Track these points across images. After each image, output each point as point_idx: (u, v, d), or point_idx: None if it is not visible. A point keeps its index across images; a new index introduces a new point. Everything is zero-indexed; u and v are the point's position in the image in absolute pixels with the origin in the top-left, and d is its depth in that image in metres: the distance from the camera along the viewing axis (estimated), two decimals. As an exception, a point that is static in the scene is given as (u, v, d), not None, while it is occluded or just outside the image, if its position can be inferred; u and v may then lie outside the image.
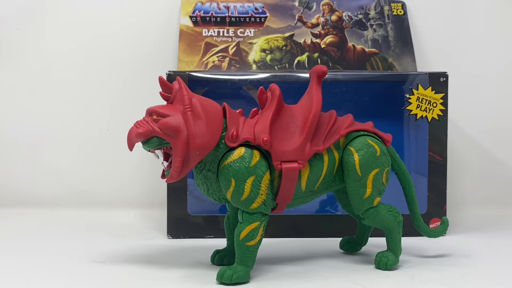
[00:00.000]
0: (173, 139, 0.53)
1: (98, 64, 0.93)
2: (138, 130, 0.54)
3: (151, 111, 0.55)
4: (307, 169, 0.56)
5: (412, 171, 0.75)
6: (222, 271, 0.54)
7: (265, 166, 0.55)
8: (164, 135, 0.53)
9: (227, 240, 0.61)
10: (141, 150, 0.57)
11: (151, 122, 0.54)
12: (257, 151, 0.55)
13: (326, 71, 0.57)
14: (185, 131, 0.53)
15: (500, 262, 0.62)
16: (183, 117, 0.54)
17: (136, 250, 0.67)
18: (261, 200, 0.55)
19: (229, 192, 0.54)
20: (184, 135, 0.53)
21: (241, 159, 0.54)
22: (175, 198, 0.73)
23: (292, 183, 0.55)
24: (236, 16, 0.88)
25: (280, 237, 0.73)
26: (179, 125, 0.53)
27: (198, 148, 0.53)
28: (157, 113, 0.54)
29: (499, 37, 0.95)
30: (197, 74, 0.74)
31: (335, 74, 0.76)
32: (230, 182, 0.54)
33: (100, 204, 0.90)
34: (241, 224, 0.55)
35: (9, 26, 0.93)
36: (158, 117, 0.54)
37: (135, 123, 0.55)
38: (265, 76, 0.75)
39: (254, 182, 0.54)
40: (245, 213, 0.55)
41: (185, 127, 0.53)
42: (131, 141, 0.54)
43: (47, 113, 0.92)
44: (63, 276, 0.56)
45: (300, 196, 0.58)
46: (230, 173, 0.54)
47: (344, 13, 0.90)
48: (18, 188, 0.91)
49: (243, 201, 0.54)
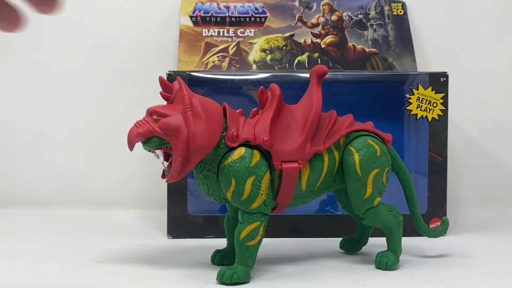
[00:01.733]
0: (173, 139, 0.53)
1: (99, 64, 0.93)
2: (138, 130, 0.54)
3: (151, 111, 0.55)
4: (307, 169, 0.56)
5: (412, 171, 0.75)
6: (222, 271, 0.54)
7: (265, 166, 0.55)
8: (164, 135, 0.53)
9: (227, 240, 0.61)
10: (141, 150, 0.57)
11: (151, 122, 0.54)
12: (257, 151, 0.55)
13: (326, 71, 0.57)
14: (185, 131, 0.53)
15: (500, 262, 0.62)
16: (183, 117, 0.54)
17: (136, 250, 0.66)
18: (261, 200, 0.54)
19: (229, 192, 0.54)
20: (184, 135, 0.53)
21: (242, 159, 0.54)
22: (175, 198, 0.73)
23: (292, 183, 0.55)
24: (236, 16, 0.88)
25: (280, 237, 0.73)
26: (179, 125, 0.53)
27: (198, 148, 0.53)
28: (157, 113, 0.54)
29: (499, 37, 0.95)
30: (197, 74, 0.74)
31: (335, 74, 0.76)
32: (230, 182, 0.54)
33: (100, 204, 0.89)
34: (241, 224, 0.55)
35: (9, 26, 0.93)
36: (158, 117, 0.54)
37: (135, 123, 0.55)
38: (265, 76, 0.75)
39: (254, 182, 0.54)
40: (245, 213, 0.55)
41: (185, 127, 0.53)
42: (131, 141, 0.54)
43: (47, 113, 0.92)
44: (63, 276, 0.56)
45: (301, 196, 0.58)
46: (230, 173, 0.54)
47: (344, 13, 0.90)
48: (18, 188, 0.91)
49: (244, 201, 0.54)
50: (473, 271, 0.58)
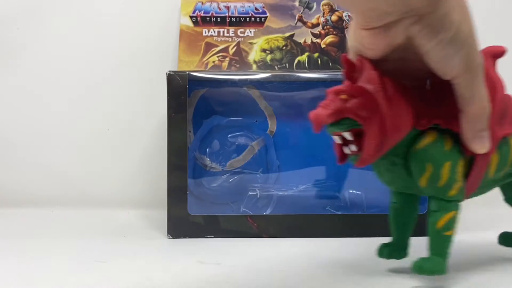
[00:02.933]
0: (367, 121, 0.48)
1: (98, 64, 0.93)
2: (328, 111, 0.48)
3: (339, 91, 0.49)
4: (496, 154, 0.53)
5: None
6: (420, 263, 0.51)
7: (458, 151, 0.51)
8: (357, 116, 0.48)
9: (395, 233, 0.57)
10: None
11: (340, 102, 0.48)
12: (448, 135, 0.51)
13: (504, 51, 0.54)
14: (379, 112, 0.48)
15: (501, 262, 0.62)
16: (375, 96, 0.48)
17: (136, 250, 0.66)
18: (459, 186, 0.51)
19: (424, 178, 0.50)
20: (379, 116, 0.48)
21: (435, 142, 0.50)
22: (175, 198, 0.73)
23: (483, 169, 0.52)
24: (236, 16, 0.88)
25: (280, 237, 0.73)
26: (373, 105, 0.48)
27: (395, 130, 0.49)
28: (346, 92, 0.49)
29: (499, 37, 0.95)
30: (197, 74, 0.74)
31: (335, 74, 0.76)
32: (425, 167, 0.50)
33: (100, 204, 0.90)
34: (436, 213, 0.52)
35: (9, 26, 0.93)
36: (348, 97, 0.48)
37: (320, 104, 0.49)
38: (265, 76, 0.75)
39: (451, 167, 0.50)
40: (442, 200, 0.51)
41: (379, 108, 0.48)
42: (320, 123, 0.48)
43: (47, 113, 0.92)
44: (63, 276, 0.56)
45: (485, 184, 0.54)
46: (426, 157, 0.50)
47: (344, 13, 0.90)
48: (18, 188, 0.91)
49: (441, 188, 0.51)
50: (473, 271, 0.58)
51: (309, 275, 0.57)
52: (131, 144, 0.91)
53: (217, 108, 0.79)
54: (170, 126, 0.72)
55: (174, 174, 0.72)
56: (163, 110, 0.74)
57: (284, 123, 0.78)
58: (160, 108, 0.85)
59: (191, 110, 0.77)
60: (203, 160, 0.78)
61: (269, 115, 0.78)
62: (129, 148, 0.91)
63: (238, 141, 0.79)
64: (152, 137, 0.90)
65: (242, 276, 0.57)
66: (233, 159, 0.79)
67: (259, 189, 0.78)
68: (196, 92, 0.78)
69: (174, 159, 0.72)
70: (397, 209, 0.56)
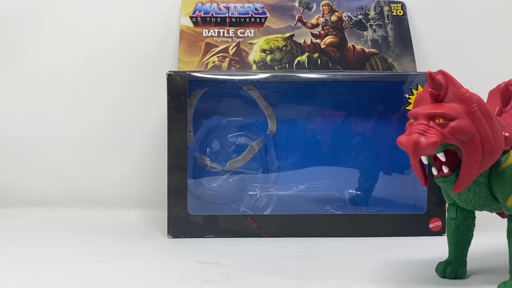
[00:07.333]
0: (466, 145, 0.47)
1: (99, 64, 0.93)
2: (430, 140, 0.46)
3: (433, 114, 0.48)
4: None
5: (411, 171, 0.75)
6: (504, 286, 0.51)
7: None
8: (456, 140, 0.47)
9: (456, 251, 0.56)
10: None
11: (438, 127, 0.47)
12: None
13: None
14: (477, 134, 0.47)
15: (501, 262, 0.62)
16: (471, 117, 0.47)
17: (136, 250, 0.67)
18: None
19: None
20: (477, 138, 0.47)
21: None
22: (175, 197, 0.73)
23: None
24: (236, 17, 0.88)
25: (280, 237, 0.73)
26: (472, 128, 0.47)
27: (494, 151, 0.48)
28: (442, 116, 0.47)
29: (499, 37, 0.95)
30: (197, 74, 0.74)
31: (335, 74, 0.77)
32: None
33: (100, 203, 0.90)
34: None
35: (9, 26, 0.93)
36: (445, 121, 0.47)
37: (415, 130, 0.47)
38: (265, 76, 0.75)
39: None
40: None
41: (479, 130, 0.47)
42: (420, 152, 0.47)
43: (47, 113, 0.92)
44: (63, 276, 0.56)
45: None
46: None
47: (344, 14, 0.90)
48: (18, 188, 0.91)
49: None
50: (473, 271, 0.58)
51: (308, 275, 0.57)
52: (131, 144, 0.91)
53: (217, 108, 0.79)
54: (170, 126, 0.72)
55: (174, 174, 0.72)
56: (163, 110, 0.74)
57: (284, 123, 0.79)
58: (160, 108, 0.85)
59: (191, 110, 0.77)
60: (203, 160, 0.79)
61: (269, 115, 0.78)
62: (129, 148, 0.91)
63: (238, 141, 0.79)
64: (152, 137, 0.90)
65: (242, 276, 0.57)
66: (233, 159, 0.79)
67: (259, 189, 0.78)
68: (196, 92, 0.78)
69: (174, 159, 0.72)
70: (458, 226, 0.55)
